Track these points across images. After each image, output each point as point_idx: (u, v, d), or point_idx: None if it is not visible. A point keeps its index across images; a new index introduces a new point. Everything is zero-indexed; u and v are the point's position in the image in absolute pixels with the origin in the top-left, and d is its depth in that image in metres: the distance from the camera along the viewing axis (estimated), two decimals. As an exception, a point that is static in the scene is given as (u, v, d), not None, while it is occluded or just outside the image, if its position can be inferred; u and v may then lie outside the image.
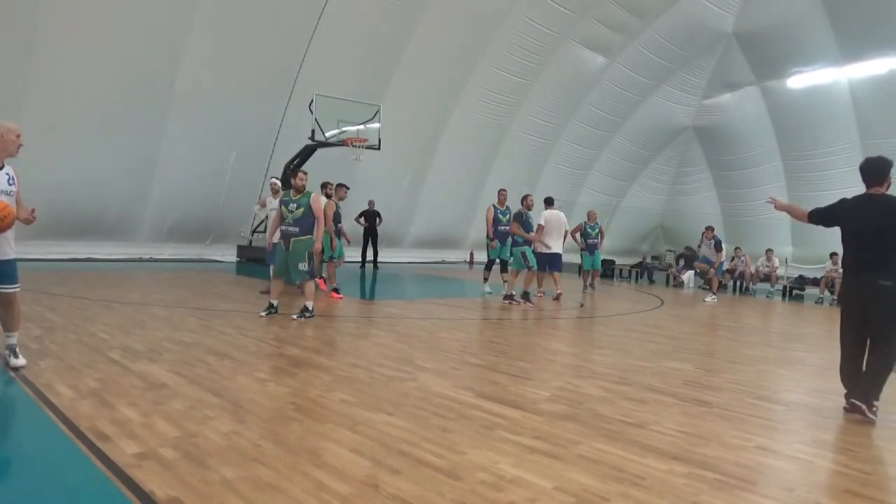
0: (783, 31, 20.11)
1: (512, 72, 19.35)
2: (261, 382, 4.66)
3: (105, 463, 3.00)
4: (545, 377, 5.38)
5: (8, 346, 4.84)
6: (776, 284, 16.41)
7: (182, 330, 6.65)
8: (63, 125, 13.02)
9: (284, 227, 7.78)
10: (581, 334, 8.07)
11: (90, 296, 8.73)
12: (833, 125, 20.32)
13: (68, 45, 12.53)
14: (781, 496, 3.07)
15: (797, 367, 6.68)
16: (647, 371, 5.86)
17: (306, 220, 7.70)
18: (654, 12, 19.71)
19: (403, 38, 16.54)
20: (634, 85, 22.33)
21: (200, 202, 15.66)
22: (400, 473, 3.07)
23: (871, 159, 4.79)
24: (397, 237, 20.33)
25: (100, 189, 14.07)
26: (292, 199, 7.80)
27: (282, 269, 7.86)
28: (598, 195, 25.43)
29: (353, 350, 6.12)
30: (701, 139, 25.51)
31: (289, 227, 7.74)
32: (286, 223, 7.77)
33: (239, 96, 14.89)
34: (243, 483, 2.86)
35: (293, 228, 7.71)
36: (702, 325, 9.95)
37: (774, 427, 4.33)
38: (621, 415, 4.31)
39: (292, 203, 7.77)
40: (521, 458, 3.36)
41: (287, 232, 7.74)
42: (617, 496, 2.93)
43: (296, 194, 7.80)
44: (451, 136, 19.41)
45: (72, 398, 3.99)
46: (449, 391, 4.69)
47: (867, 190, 4.74)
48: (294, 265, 7.70)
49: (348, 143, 14.73)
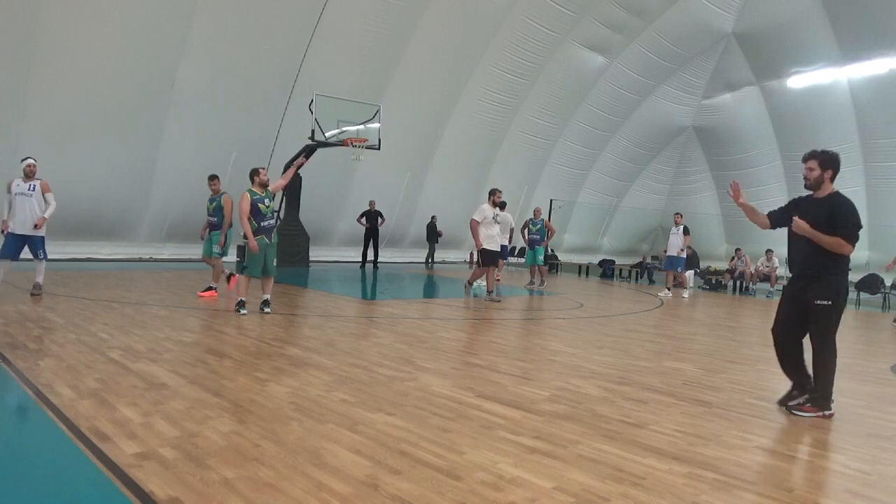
0: (783, 31, 20.12)
1: (512, 72, 19.35)
2: (261, 382, 4.66)
3: (105, 463, 3.00)
4: (545, 377, 5.38)
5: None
6: (776, 284, 16.40)
7: (182, 330, 6.65)
8: (63, 125, 13.02)
9: (266, 223, 7.99)
10: (581, 334, 8.07)
11: (90, 296, 8.73)
12: (833, 125, 20.33)
13: (68, 45, 12.52)
14: (781, 496, 3.07)
15: (797, 367, 6.66)
16: (647, 371, 5.86)
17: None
18: (654, 12, 19.72)
19: (403, 38, 16.54)
20: (634, 85, 22.35)
21: (200, 202, 15.51)
22: (400, 473, 3.07)
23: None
24: (397, 237, 20.34)
25: (100, 189, 14.06)
26: (264, 195, 8.05)
27: (266, 265, 8.05)
28: (598, 195, 25.46)
29: (353, 350, 6.12)
30: (701, 139, 25.52)
31: (270, 221, 8.04)
32: (268, 218, 8.01)
33: (239, 96, 14.89)
34: (243, 483, 2.86)
35: (273, 222, 8.09)
36: (702, 325, 9.95)
37: (774, 427, 4.33)
38: (621, 415, 4.31)
39: (266, 198, 8.03)
40: (521, 458, 3.36)
41: (269, 226, 8.03)
42: (617, 496, 2.93)
43: (262, 189, 8.07)
44: (451, 136, 19.42)
45: (72, 398, 3.99)
46: (449, 391, 4.69)
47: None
48: (272, 258, 8.10)
49: (348, 142, 14.73)
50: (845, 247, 4.45)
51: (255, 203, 7.90)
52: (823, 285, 4.52)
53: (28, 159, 8.43)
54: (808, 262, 4.60)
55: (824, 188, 4.62)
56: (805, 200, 4.77)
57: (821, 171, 4.58)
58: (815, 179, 4.60)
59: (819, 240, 4.46)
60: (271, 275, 8.16)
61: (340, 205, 18.13)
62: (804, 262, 4.65)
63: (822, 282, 4.53)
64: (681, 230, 14.00)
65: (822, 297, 4.50)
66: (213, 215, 9.67)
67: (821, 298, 4.50)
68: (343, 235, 18.84)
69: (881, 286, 15.11)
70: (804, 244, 4.57)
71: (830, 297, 4.49)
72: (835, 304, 4.51)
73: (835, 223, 4.44)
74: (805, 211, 4.61)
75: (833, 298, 4.50)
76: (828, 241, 4.44)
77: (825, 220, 4.45)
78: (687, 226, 14.24)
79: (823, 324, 4.56)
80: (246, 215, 7.81)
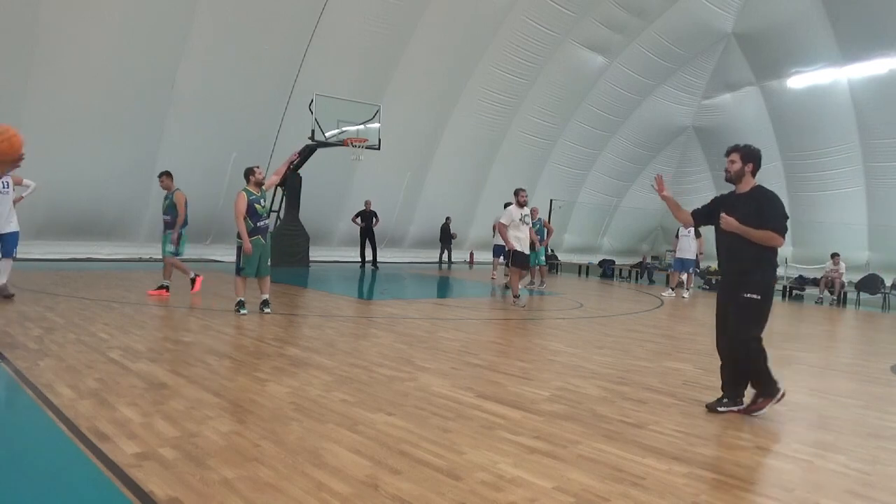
0: (783, 31, 20.13)
1: (512, 72, 19.36)
2: (261, 382, 4.66)
3: (105, 463, 3.00)
4: (545, 377, 5.38)
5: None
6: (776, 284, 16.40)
7: (182, 330, 6.65)
8: (63, 125, 13.02)
9: (262, 223, 7.93)
10: (581, 334, 8.07)
11: (90, 296, 8.73)
12: (833, 125, 20.33)
13: (68, 45, 12.53)
14: (781, 496, 3.07)
15: (797, 367, 6.67)
16: (647, 371, 5.86)
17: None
18: (654, 12, 19.73)
19: (403, 38, 16.55)
20: (634, 85, 22.35)
21: (200, 202, 15.59)
22: (400, 473, 3.07)
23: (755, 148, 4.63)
24: (397, 237, 20.34)
25: (100, 189, 14.07)
26: (260, 194, 7.94)
27: (260, 265, 7.97)
28: (598, 195, 25.46)
29: (353, 350, 6.12)
30: (701, 139, 25.52)
31: (265, 221, 7.97)
32: (262, 218, 7.93)
33: (239, 96, 14.89)
34: (243, 483, 2.86)
35: (268, 221, 8.00)
36: (702, 325, 9.94)
37: (774, 427, 4.33)
38: (621, 415, 4.30)
39: (262, 198, 7.95)
40: (521, 458, 3.36)
41: (264, 226, 7.95)
42: (617, 496, 2.93)
43: (258, 189, 7.93)
44: (450, 135, 19.42)
45: (72, 398, 3.98)
46: (449, 391, 4.69)
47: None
48: (266, 258, 7.99)
49: (348, 142, 14.73)
50: (776, 239, 4.38)
51: (251, 203, 7.79)
52: (754, 280, 4.42)
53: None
54: (737, 258, 4.51)
55: (746, 182, 4.57)
56: (729, 197, 4.69)
57: (742, 165, 4.53)
58: (737, 172, 4.55)
59: (749, 235, 4.38)
60: (266, 274, 8.08)
61: (340, 205, 18.13)
62: (733, 259, 4.56)
63: (751, 276, 4.44)
64: (692, 232, 13.83)
65: (751, 291, 4.40)
66: (166, 213, 9.31)
67: (750, 292, 4.40)
68: (343, 235, 18.84)
69: (881, 286, 15.11)
70: (733, 241, 4.49)
71: (760, 292, 4.39)
72: (764, 298, 4.41)
73: (763, 217, 4.37)
74: (731, 207, 4.53)
75: (763, 293, 4.40)
76: (758, 236, 4.37)
77: (752, 215, 4.38)
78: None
79: (752, 318, 4.44)
80: (242, 215, 7.69)
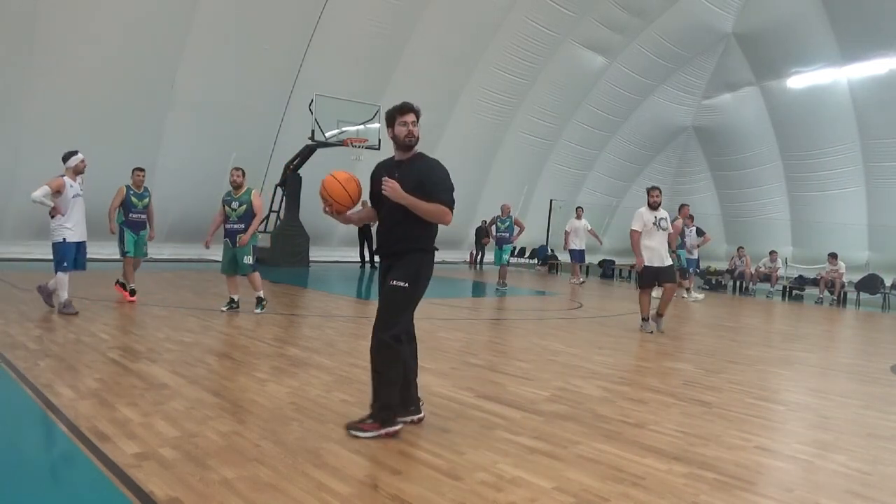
0: (783, 31, 20.13)
1: (512, 72, 19.35)
2: (261, 382, 4.66)
3: (105, 463, 3.00)
4: (545, 377, 5.38)
5: None
6: (776, 284, 16.40)
7: (182, 330, 6.65)
8: (63, 125, 12.99)
9: (230, 226, 7.98)
10: (581, 334, 8.07)
11: (90, 296, 8.73)
12: (833, 125, 20.33)
13: (68, 45, 12.52)
14: (781, 496, 3.07)
15: (797, 368, 6.67)
16: (647, 371, 5.86)
17: (248, 216, 7.95)
18: (654, 12, 19.73)
19: (403, 38, 16.55)
20: (634, 85, 22.34)
21: (200, 202, 15.64)
22: (400, 473, 3.07)
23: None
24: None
25: (99, 189, 14.04)
26: (234, 197, 7.99)
27: (230, 266, 8.06)
28: (598, 195, 25.44)
29: (353, 350, 6.11)
30: (701, 139, 25.53)
31: (234, 225, 7.97)
32: (231, 221, 7.97)
33: (239, 97, 14.88)
34: (243, 483, 2.86)
35: (238, 226, 7.95)
36: (702, 325, 9.94)
37: (774, 427, 4.33)
38: (621, 415, 4.30)
39: (234, 201, 7.97)
40: (521, 458, 3.36)
41: (233, 230, 7.97)
42: (617, 496, 2.93)
43: (236, 192, 7.99)
44: (450, 135, 19.40)
45: (72, 398, 3.99)
46: (449, 391, 4.69)
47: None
48: (241, 259, 7.99)
49: (348, 143, 14.73)
50: (448, 215, 3.75)
51: (224, 203, 8.03)
52: (405, 263, 3.72)
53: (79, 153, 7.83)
54: (397, 235, 3.78)
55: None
56: (386, 164, 3.99)
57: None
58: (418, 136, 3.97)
59: (416, 207, 3.65)
60: (246, 272, 8.03)
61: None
62: (391, 236, 3.82)
63: (404, 259, 3.73)
64: (693, 231, 13.93)
65: (399, 278, 3.68)
66: (142, 212, 9.14)
67: (398, 279, 3.68)
68: (343, 236, 18.84)
69: (881, 286, 15.11)
70: (392, 213, 3.74)
71: (409, 279, 3.67)
72: (413, 287, 3.70)
73: (430, 189, 3.71)
74: (391, 175, 3.77)
75: (412, 281, 3.68)
76: (427, 209, 3.67)
77: (415, 185, 3.70)
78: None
79: (393, 310, 3.69)
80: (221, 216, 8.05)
